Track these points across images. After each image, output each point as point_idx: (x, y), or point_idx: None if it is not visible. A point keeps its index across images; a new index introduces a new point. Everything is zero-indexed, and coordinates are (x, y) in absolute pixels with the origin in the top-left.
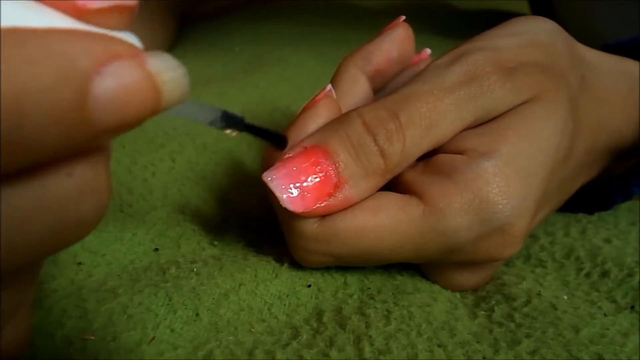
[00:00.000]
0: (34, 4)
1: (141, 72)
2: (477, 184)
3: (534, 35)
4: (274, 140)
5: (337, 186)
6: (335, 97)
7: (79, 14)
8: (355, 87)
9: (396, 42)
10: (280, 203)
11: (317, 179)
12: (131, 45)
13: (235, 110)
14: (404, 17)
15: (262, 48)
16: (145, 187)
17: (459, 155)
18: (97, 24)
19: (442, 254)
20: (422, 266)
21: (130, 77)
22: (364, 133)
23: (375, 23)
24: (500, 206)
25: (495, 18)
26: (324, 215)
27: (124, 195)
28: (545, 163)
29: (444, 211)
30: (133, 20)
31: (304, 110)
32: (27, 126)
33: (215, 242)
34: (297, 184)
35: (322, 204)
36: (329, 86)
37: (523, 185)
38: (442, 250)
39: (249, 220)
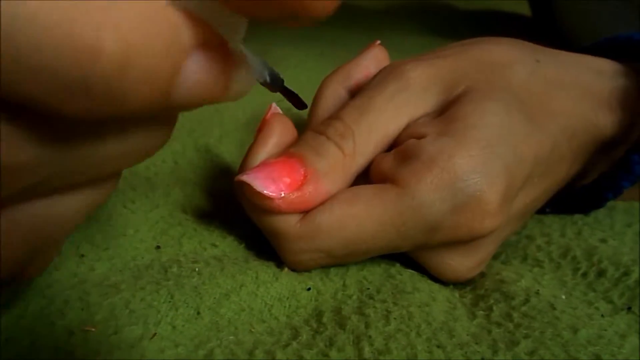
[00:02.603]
0: None
1: (222, 71)
2: (442, 158)
3: (463, 44)
4: (299, 103)
5: (305, 175)
6: (280, 111)
7: None
8: (338, 100)
9: (374, 59)
10: (257, 190)
11: (286, 170)
12: (224, 40)
13: (239, 113)
14: (379, 41)
15: (262, 48)
16: (148, 185)
17: (422, 139)
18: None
19: (424, 233)
20: (416, 255)
21: (212, 71)
22: (317, 136)
23: (374, 24)
24: (468, 174)
25: (495, 18)
26: (304, 215)
27: (127, 192)
28: (502, 134)
29: (416, 188)
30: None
31: (260, 130)
32: (125, 82)
33: (217, 243)
34: (271, 178)
35: (295, 195)
36: (274, 104)
37: (485, 153)
38: (423, 228)
39: (249, 223)
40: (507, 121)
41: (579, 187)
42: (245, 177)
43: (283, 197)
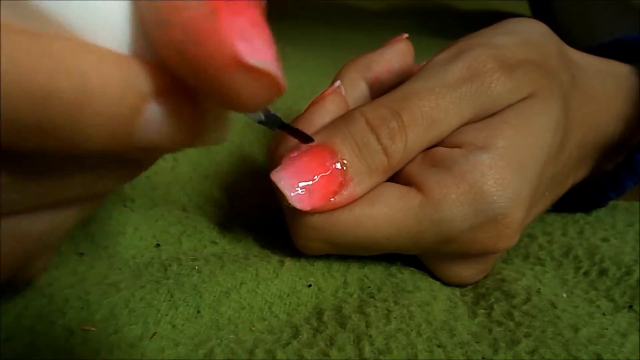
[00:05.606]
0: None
1: (189, 118)
2: (473, 176)
3: (528, 35)
4: (304, 138)
5: (342, 184)
6: (342, 92)
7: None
8: (355, 91)
9: (398, 54)
10: (289, 201)
11: (324, 178)
12: (191, 87)
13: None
14: (407, 35)
15: None
16: (148, 184)
17: (457, 149)
18: None
19: (438, 244)
20: (420, 255)
21: (176, 118)
22: (368, 132)
23: (375, 24)
24: (495, 197)
25: (495, 19)
26: None
27: (127, 191)
28: (538, 157)
29: (441, 201)
30: None
31: (312, 104)
32: (79, 125)
33: (217, 241)
34: (304, 183)
35: (328, 202)
36: (338, 82)
37: (517, 177)
38: (438, 239)
39: (250, 220)
40: (548, 144)
41: (581, 186)
42: (282, 187)
43: (315, 208)
